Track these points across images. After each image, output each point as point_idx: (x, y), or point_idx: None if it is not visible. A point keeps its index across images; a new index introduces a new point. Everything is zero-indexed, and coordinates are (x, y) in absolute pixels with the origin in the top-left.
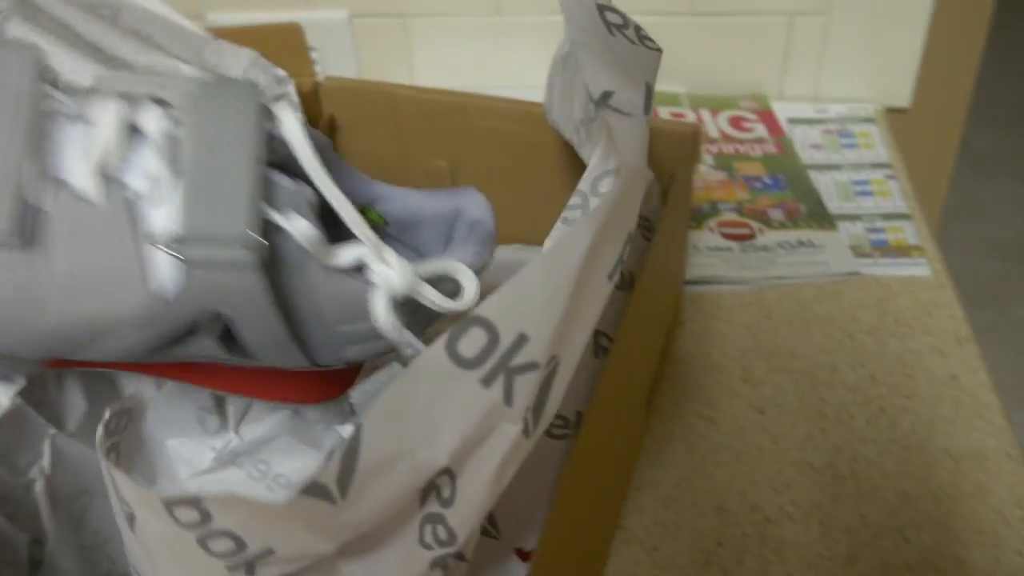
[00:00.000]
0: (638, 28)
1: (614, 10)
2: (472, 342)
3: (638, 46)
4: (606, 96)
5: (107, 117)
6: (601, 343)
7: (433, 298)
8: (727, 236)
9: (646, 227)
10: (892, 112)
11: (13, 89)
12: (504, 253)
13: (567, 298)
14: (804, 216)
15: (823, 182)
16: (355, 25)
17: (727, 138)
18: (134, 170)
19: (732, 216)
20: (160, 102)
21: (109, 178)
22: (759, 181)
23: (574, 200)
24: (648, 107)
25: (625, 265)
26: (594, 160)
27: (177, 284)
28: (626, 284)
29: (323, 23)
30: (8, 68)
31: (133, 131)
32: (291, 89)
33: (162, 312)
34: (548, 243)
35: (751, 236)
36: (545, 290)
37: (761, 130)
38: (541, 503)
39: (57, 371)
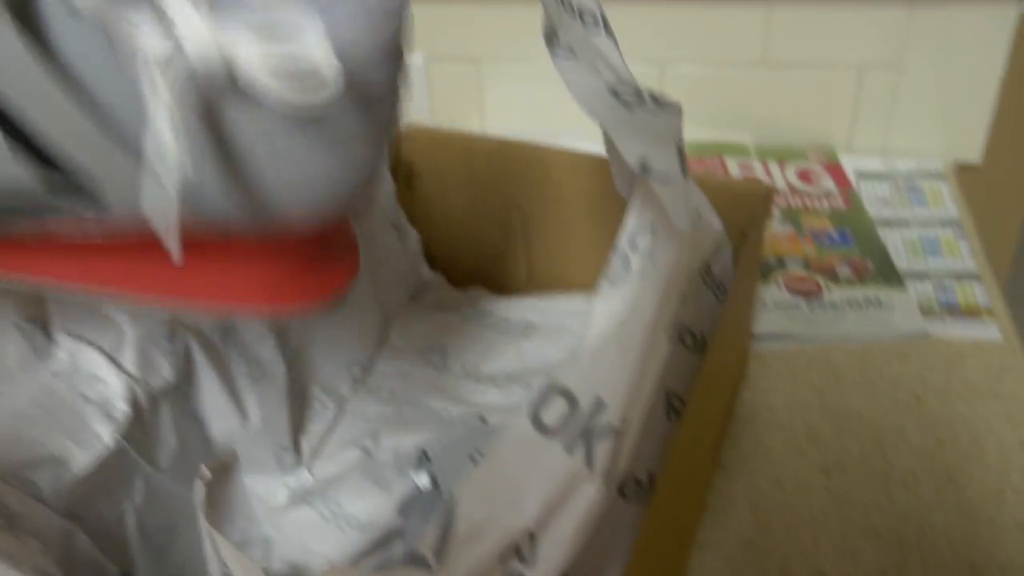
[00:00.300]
0: (651, 94)
1: (625, 84)
2: (554, 410)
3: (658, 112)
4: (645, 168)
5: None
6: (674, 405)
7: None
8: (794, 291)
9: (718, 289)
10: (962, 168)
11: None
12: (574, 302)
13: (637, 361)
14: (872, 273)
15: (891, 238)
16: (429, 68)
17: (794, 191)
18: None
19: (799, 271)
20: None
21: None
22: (826, 236)
23: (614, 257)
24: (684, 170)
25: (697, 327)
26: (630, 218)
27: None
28: (699, 346)
29: None
30: None
31: None
32: None
33: None
34: (599, 302)
35: (818, 292)
36: (616, 355)
37: (828, 183)
38: (613, 562)
39: (151, 406)
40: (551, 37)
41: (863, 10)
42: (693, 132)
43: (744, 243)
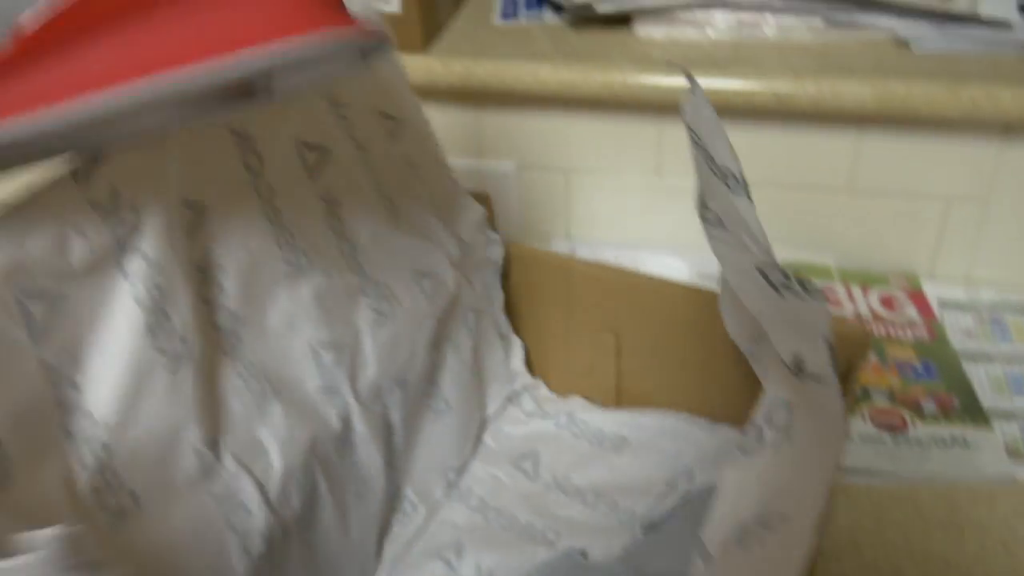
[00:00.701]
0: (800, 280)
1: (775, 268)
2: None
3: (806, 300)
4: (799, 367)
5: None
6: None
7: None
8: (879, 425)
9: None
10: None
11: None
12: (667, 420)
13: (799, 541)
14: (957, 410)
15: (976, 373)
16: (521, 175)
17: (877, 318)
18: None
19: (884, 403)
20: None
21: None
22: (911, 368)
23: (750, 431)
24: (836, 369)
25: None
26: (767, 393)
27: None
28: None
29: (492, 172)
30: None
31: None
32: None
33: None
34: (731, 470)
35: (903, 427)
36: (783, 537)
37: (912, 312)
38: None
39: (282, 539)
40: (703, 206)
41: (952, 143)
42: (778, 252)
43: (847, 391)
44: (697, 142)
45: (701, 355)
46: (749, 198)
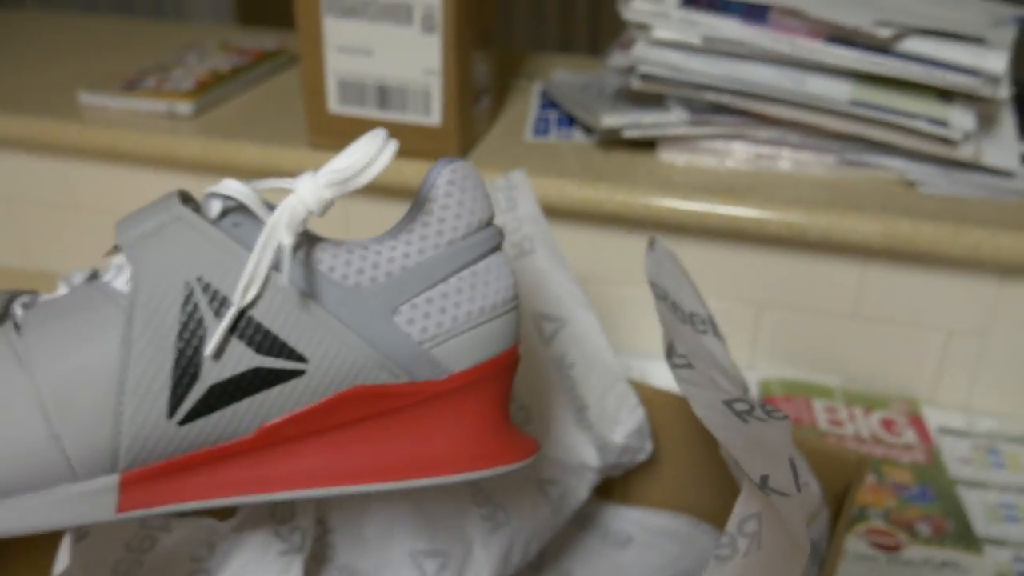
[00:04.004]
0: (763, 405)
1: (740, 400)
2: None
3: (768, 422)
4: (764, 480)
5: None
6: None
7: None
8: (874, 545)
9: (815, 553)
10: None
11: None
12: (673, 522)
13: None
14: (951, 535)
15: (970, 500)
16: None
17: (877, 440)
18: None
19: (879, 524)
20: None
21: None
22: (907, 491)
23: (724, 540)
24: (798, 483)
25: None
26: (739, 505)
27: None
28: None
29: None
30: None
31: None
32: None
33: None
34: None
35: (896, 548)
36: None
37: (911, 436)
38: None
39: None
40: (671, 354)
41: (953, 279)
42: (782, 370)
43: (841, 513)
44: (661, 296)
45: (706, 465)
46: (717, 335)
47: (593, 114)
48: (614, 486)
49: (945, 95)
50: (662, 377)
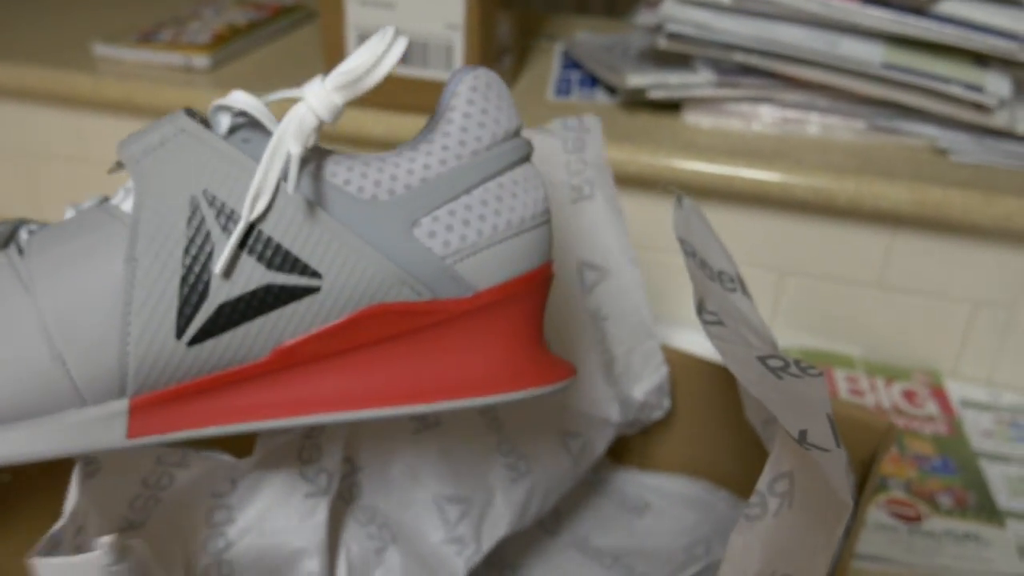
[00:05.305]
0: (797, 362)
1: (774, 356)
2: None
3: (803, 378)
4: (803, 435)
5: None
6: None
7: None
8: (894, 515)
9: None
10: None
11: None
12: (690, 488)
13: None
14: (972, 507)
15: (992, 473)
16: None
17: (898, 411)
18: None
19: (900, 494)
20: None
21: None
22: (928, 462)
23: (754, 499)
24: (837, 439)
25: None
26: (770, 464)
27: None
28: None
29: None
30: None
31: None
32: None
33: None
34: (736, 534)
35: (917, 519)
36: None
37: (933, 408)
38: None
39: None
40: (701, 310)
41: (982, 250)
42: (803, 339)
43: (868, 479)
44: (689, 253)
45: (725, 430)
46: (746, 294)
47: (618, 74)
48: (632, 451)
49: (981, 59)
50: (681, 341)
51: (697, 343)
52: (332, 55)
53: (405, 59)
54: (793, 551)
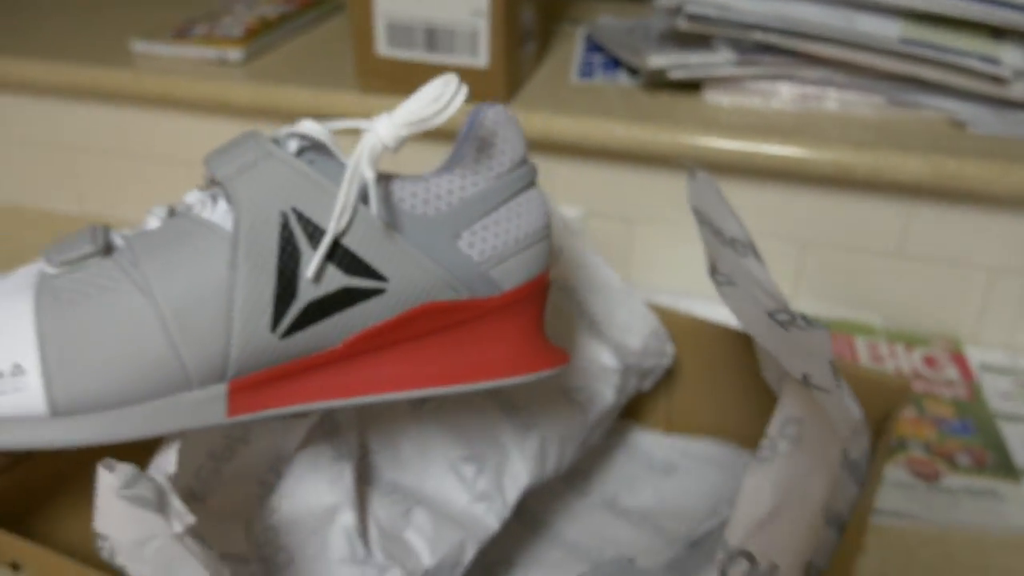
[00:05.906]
0: (803, 316)
1: (781, 311)
2: (738, 570)
3: (808, 331)
4: (806, 378)
5: None
6: None
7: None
8: (913, 473)
9: (856, 471)
10: None
11: None
12: (715, 449)
13: (799, 534)
14: (990, 465)
15: (1011, 433)
16: (589, 222)
17: (918, 376)
18: None
19: (920, 454)
20: None
21: None
22: (948, 424)
23: (764, 443)
24: (838, 381)
25: (837, 507)
26: (779, 410)
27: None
28: (839, 526)
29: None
30: None
31: None
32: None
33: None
34: (749, 476)
35: (936, 476)
36: (788, 525)
37: (952, 372)
38: None
39: None
40: (713, 272)
41: (1000, 219)
42: (825, 309)
43: (883, 437)
44: (703, 221)
45: (747, 392)
46: (758, 258)
47: (640, 55)
48: (658, 415)
49: (997, 33)
50: (705, 313)
51: (714, 312)
52: (362, 46)
53: (432, 45)
54: (798, 487)
